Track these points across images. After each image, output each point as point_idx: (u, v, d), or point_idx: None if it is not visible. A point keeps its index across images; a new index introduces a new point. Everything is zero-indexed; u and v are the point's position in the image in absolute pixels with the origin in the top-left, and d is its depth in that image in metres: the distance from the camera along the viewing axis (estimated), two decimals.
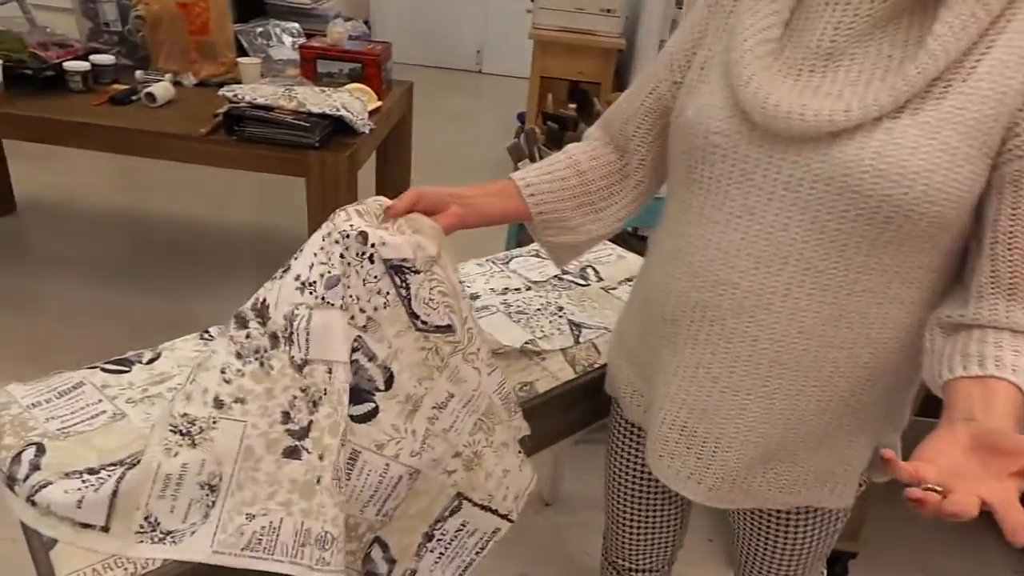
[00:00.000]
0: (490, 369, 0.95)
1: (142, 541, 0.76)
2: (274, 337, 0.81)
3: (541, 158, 1.95)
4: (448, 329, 0.85)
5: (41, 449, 0.82)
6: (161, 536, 0.76)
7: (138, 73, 2.27)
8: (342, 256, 0.80)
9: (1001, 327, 0.69)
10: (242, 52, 2.48)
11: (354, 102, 2.08)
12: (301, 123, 1.90)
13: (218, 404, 0.80)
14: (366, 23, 5.40)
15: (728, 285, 0.78)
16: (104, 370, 0.97)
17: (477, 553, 0.98)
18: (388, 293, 0.81)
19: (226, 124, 1.93)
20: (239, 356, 0.81)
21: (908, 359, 0.80)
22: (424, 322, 0.84)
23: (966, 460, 0.59)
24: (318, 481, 0.79)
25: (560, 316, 1.26)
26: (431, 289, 0.83)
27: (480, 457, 0.93)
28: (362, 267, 0.80)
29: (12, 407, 0.89)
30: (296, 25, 2.60)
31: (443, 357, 0.86)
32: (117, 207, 3.24)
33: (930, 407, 0.85)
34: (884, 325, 0.76)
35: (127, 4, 2.33)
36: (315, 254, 0.81)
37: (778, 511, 0.94)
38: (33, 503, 0.76)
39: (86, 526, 0.76)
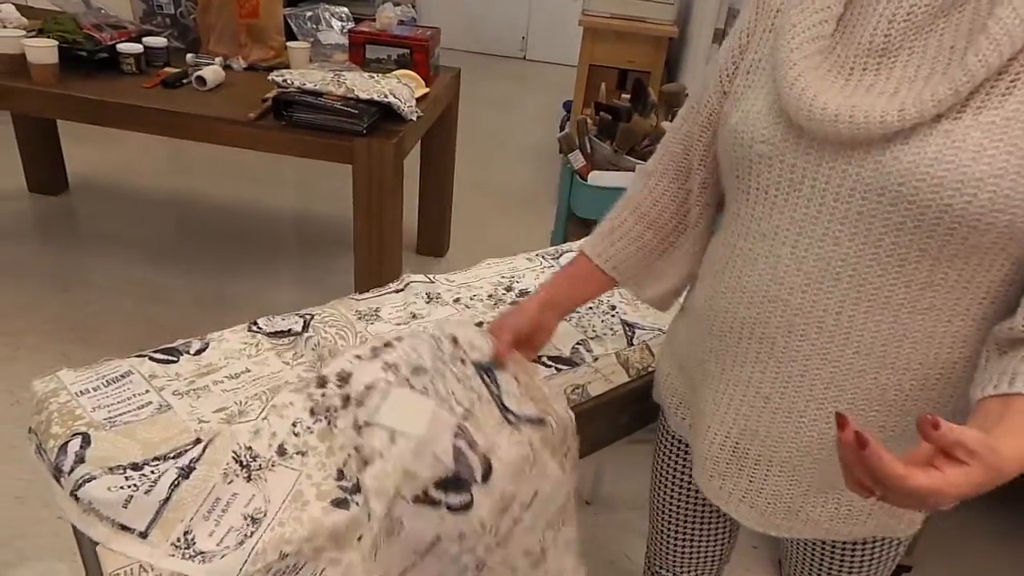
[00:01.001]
0: (574, 466, 0.96)
1: (173, 555, 0.75)
2: (346, 398, 0.84)
3: (592, 149, 1.90)
4: (540, 423, 0.88)
5: (87, 440, 0.82)
6: (192, 555, 0.76)
7: (189, 56, 2.27)
8: (434, 355, 0.85)
9: None
10: (291, 36, 2.47)
11: (402, 89, 2.05)
12: (349, 109, 1.88)
13: (281, 451, 0.84)
14: (412, 6, 5.37)
15: (777, 302, 0.73)
16: (152, 359, 0.96)
17: None
18: (481, 392, 0.86)
19: (275, 109, 1.92)
20: (312, 413, 0.85)
21: None
22: (516, 415, 0.87)
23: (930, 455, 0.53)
24: (359, 539, 0.80)
25: (613, 315, 1.22)
26: (518, 385, 0.88)
27: (545, 554, 0.93)
28: (456, 367, 0.85)
29: (61, 394, 0.88)
30: (345, 9, 2.58)
31: (536, 451, 0.87)
32: (165, 188, 3.28)
33: None
34: (954, 344, 0.70)
35: None
36: (400, 344, 0.87)
37: (835, 542, 0.88)
38: (76, 498, 0.76)
39: (125, 528, 0.75)
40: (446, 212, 2.83)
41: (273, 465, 0.82)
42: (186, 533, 0.76)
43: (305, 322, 1.08)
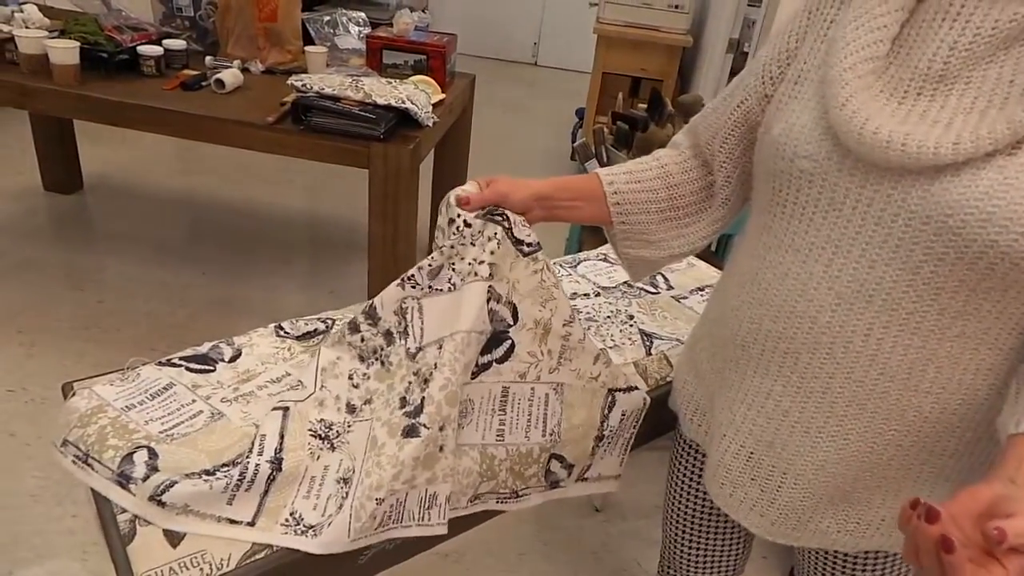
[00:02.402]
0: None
1: (286, 533, 0.80)
2: (388, 334, 0.88)
3: (608, 158, 1.91)
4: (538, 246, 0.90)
5: (153, 452, 0.83)
6: (304, 529, 0.81)
7: (207, 59, 2.29)
8: (440, 248, 0.86)
9: None
10: (308, 40, 2.49)
11: (419, 94, 2.06)
12: (367, 115, 1.89)
13: (351, 409, 0.88)
14: (424, 11, 5.40)
15: (805, 318, 0.72)
16: (190, 369, 0.97)
17: (632, 428, 1.07)
18: (496, 232, 0.85)
19: (293, 113, 1.94)
20: (362, 359, 0.90)
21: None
22: (529, 244, 0.88)
23: (972, 529, 0.50)
24: (440, 449, 0.84)
25: (631, 325, 1.22)
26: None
27: (611, 351, 1.01)
28: (463, 235, 0.85)
29: (107, 410, 0.89)
30: (362, 15, 2.60)
31: (554, 272, 0.91)
32: (178, 188, 3.30)
33: None
34: (978, 371, 0.69)
35: None
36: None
37: (846, 553, 0.88)
38: (160, 502, 0.78)
39: (233, 521, 0.80)
40: None
41: (349, 426, 0.87)
42: (292, 514, 0.81)
43: (327, 325, 1.09)
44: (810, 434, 0.76)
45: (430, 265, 0.87)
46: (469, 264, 0.85)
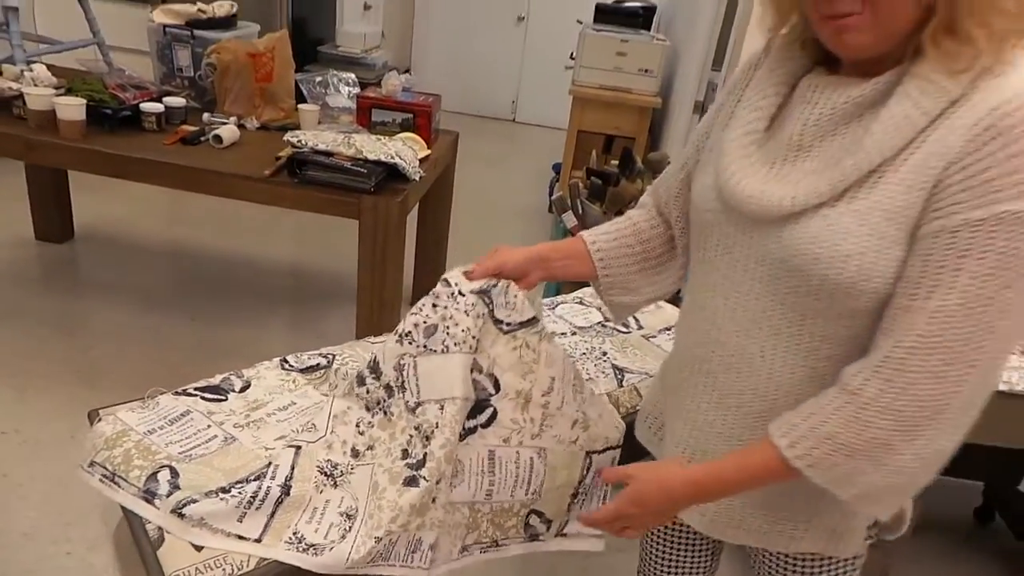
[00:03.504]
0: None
1: (289, 549, 0.89)
2: (388, 388, 0.97)
3: (583, 211, 2.05)
4: (533, 321, 1.00)
5: (174, 472, 0.92)
6: (305, 547, 0.90)
7: (205, 115, 2.42)
8: (434, 306, 0.94)
9: (840, 384, 0.76)
10: (300, 98, 2.64)
11: (407, 150, 2.20)
12: (359, 169, 2.02)
13: (355, 454, 0.98)
14: (407, 71, 5.62)
15: (717, 344, 0.88)
16: (204, 398, 1.07)
17: (607, 486, 1.16)
18: (482, 313, 0.95)
19: (289, 167, 2.06)
20: (367, 409, 0.99)
21: None
22: (508, 323, 0.98)
23: None
24: (433, 500, 0.93)
25: (604, 360, 1.34)
26: (507, 291, 0.97)
27: (587, 416, 1.09)
28: (457, 303, 0.94)
29: (131, 434, 0.98)
30: (352, 76, 2.76)
31: (534, 348, 1.00)
32: (167, 238, 3.39)
33: (956, 467, 0.89)
34: None
35: (200, 52, 2.50)
36: (411, 313, 0.97)
37: (787, 556, 0.98)
38: (181, 514, 0.87)
39: (242, 537, 0.88)
40: (441, 266, 2.96)
41: (352, 468, 0.97)
42: (295, 534, 0.90)
43: (328, 360, 1.19)
44: (731, 442, 0.89)
45: (425, 323, 0.96)
46: (463, 331, 0.94)
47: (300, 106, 2.49)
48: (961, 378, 0.69)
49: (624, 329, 1.48)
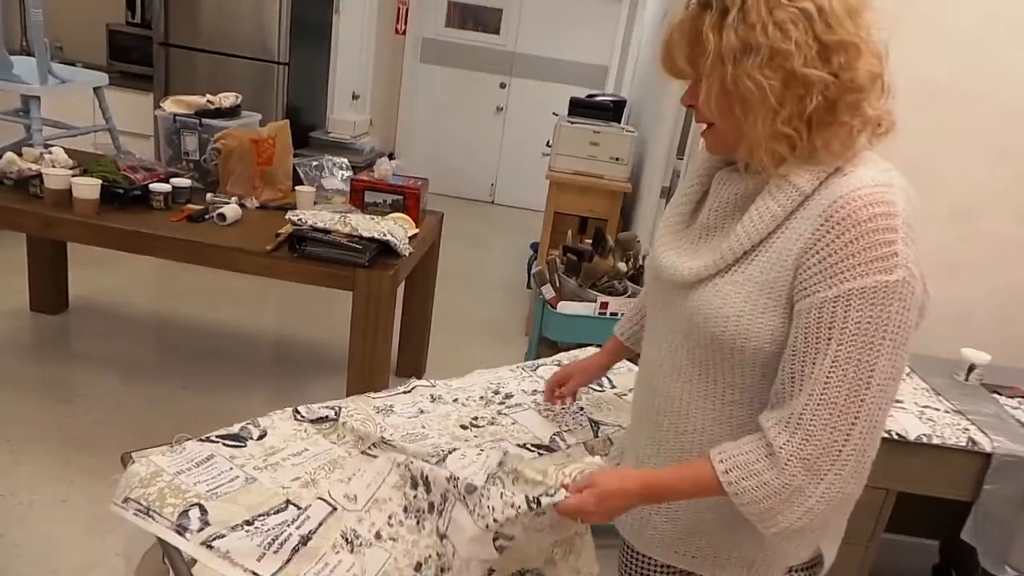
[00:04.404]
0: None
1: None
2: (432, 506, 1.09)
3: (560, 284, 2.24)
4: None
5: (203, 509, 1.04)
6: None
7: (208, 195, 2.60)
8: (486, 472, 1.07)
9: (761, 432, 0.89)
10: (297, 180, 2.84)
11: (398, 229, 2.39)
12: (354, 245, 2.20)
13: (378, 536, 1.09)
14: (390, 156, 5.92)
15: (654, 390, 1.05)
16: (226, 444, 1.21)
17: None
18: (521, 508, 1.01)
19: (289, 243, 2.23)
20: (405, 511, 1.11)
21: None
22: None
23: None
24: None
25: (581, 414, 1.49)
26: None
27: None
28: (518, 506, 1.01)
29: (163, 474, 1.11)
30: (345, 160, 2.98)
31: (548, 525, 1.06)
32: (160, 310, 3.51)
33: (903, 525, 1.01)
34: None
35: (207, 138, 2.70)
36: (464, 454, 1.11)
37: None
38: (210, 547, 0.99)
39: (256, 573, 0.99)
40: (425, 337, 3.11)
41: (371, 544, 1.07)
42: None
43: (336, 412, 1.32)
44: None
45: (473, 480, 1.06)
46: (490, 509, 1.01)
47: (297, 188, 2.68)
48: (851, 427, 0.83)
49: (598, 388, 1.63)
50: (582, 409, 1.51)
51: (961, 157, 2.19)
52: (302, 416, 1.30)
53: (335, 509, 1.10)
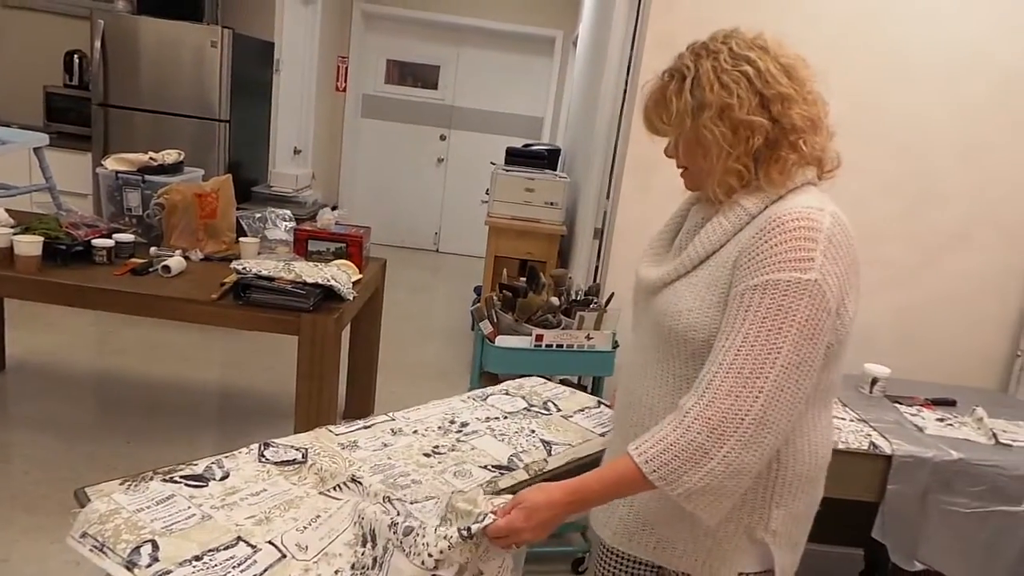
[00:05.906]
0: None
1: None
2: (375, 560, 1.11)
3: (498, 319, 2.35)
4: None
5: (155, 545, 1.09)
6: None
7: (152, 249, 2.65)
8: (440, 516, 1.12)
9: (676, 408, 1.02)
10: (241, 232, 2.91)
11: (341, 274, 2.48)
12: (298, 291, 2.28)
13: None
14: (333, 208, 6.00)
15: (628, 389, 1.20)
16: (188, 485, 1.26)
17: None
18: (452, 540, 1.05)
19: (234, 291, 2.30)
20: (352, 567, 1.12)
21: None
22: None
23: None
24: None
25: (533, 436, 1.62)
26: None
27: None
28: (460, 534, 1.05)
29: (122, 511, 1.16)
30: (288, 212, 3.07)
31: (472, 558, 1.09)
32: (99, 368, 3.47)
33: (828, 535, 1.12)
34: None
35: (149, 194, 2.76)
36: (401, 502, 1.18)
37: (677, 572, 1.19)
38: None
39: None
40: (372, 380, 3.17)
41: None
42: None
43: (303, 453, 1.41)
44: None
45: (410, 523, 1.08)
46: (424, 545, 1.03)
47: (241, 239, 2.75)
48: (754, 399, 0.96)
49: (546, 412, 1.75)
50: (533, 431, 1.63)
51: (855, 192, 2.43)
52: (266, 459, 1.37)
53: (284, 556, 1.13)
